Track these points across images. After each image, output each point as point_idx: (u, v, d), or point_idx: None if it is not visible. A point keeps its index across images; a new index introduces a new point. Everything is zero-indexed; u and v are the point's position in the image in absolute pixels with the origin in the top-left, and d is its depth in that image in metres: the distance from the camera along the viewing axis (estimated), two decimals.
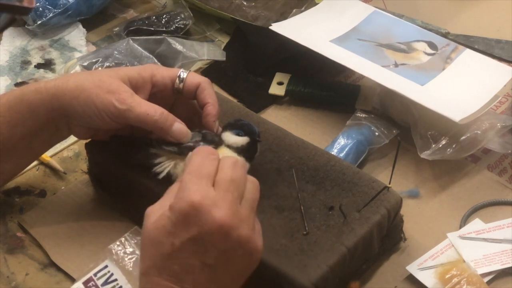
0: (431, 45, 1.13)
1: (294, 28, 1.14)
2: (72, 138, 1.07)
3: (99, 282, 0.86)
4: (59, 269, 0.92)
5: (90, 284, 0.85)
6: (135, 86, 0.90)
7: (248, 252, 0.75)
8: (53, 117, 0.90)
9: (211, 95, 0.91)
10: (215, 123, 0.90)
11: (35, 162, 1.04)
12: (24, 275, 0.91)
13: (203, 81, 0.92)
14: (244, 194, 0.76)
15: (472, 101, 1.03)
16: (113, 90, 0.87)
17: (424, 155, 1.00)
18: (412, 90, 1.04)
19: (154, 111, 0.87)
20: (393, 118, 1.07)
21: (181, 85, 0.91)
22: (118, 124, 0.90)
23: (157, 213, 0.75)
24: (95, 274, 0.87)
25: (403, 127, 1.06)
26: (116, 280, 0.86)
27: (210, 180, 0.75)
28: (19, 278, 0.90)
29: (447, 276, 0.89)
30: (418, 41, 1.14)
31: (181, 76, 0.92)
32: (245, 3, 1.22)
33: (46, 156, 1.04)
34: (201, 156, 0.77)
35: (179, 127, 0.88)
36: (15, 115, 0.89)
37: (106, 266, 0.87)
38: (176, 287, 0.73)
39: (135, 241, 0.88)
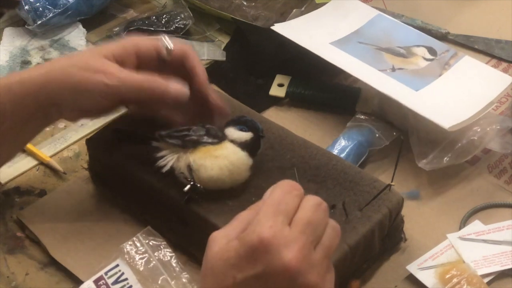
0: (431, 50, 1.13)
1: (295, 29, 1.14)
2: (72, 138, 1.07)
3: (110, 281, 0.86)
4: (59, 268, 0.92)
5: (101, 282, 0.85)
6: (121, 61, 0.89)
7: None
8: (41, 107, 0.88)
9: (199, 63, 0.91)
10: (207, 82, 0.90)
11: (35, 162, 1.04)
12: (24, 275, 0.90)
13: (188, 48, 0.91)
14: (322, 238, 0.71)
15: (464, 108, 1.03)
16: (100, 69, 0.86)
17: (421, 164, 1.01)
18: (405, 95, 1.04)
19: (146, 78, 0.87)
20: (391, 122, 1.07)
21: (168, 56, 0.90)
22: (112, 102, 0.89)
23: (222, 240, 0.71)
24: (106, 273, 0.87)
25: (403, 130, 1.06)
26: (126, 279, 0.86)
27: (287, 217, 0.70)
28: (19, 278, 0.90)
29: (447, 276, 0.89)
30: (418, 46, 1.14)
31: (167, 45, 0.90)
32: (245, 3, 1.22)
33: (46, 156, 1.04)
34: (284, 190, 0.72)
35: (175, 86, 0.88)
36: (1, 106, 0.87)
37: (117, 265, 0.87)
38: None
39: (147, 241, 0.88)
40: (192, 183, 0.87)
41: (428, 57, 1.12)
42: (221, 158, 0.88)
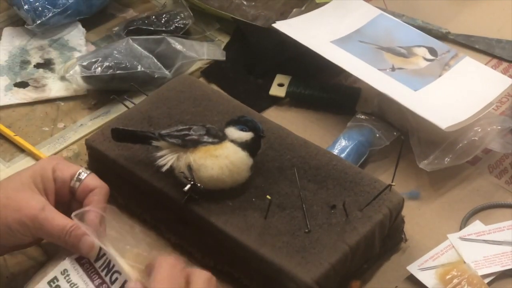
0: (432, 51, 1.13)
1: (296, 27, 1.14)
2: (71, 138, 1.07)
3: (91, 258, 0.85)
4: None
5: (84, 261, 0.85)
6: (42, 188, 0.85)
7: None
8: None
9: (99, 203, 0.85)
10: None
11: (34, 162, 1.04)
12: (23, 275, 0.90)
13: (101, 187, 0.86)
14: None
15: (462, 109, 1.03)
16: (22, 207, 0.82)
17: (422, 165, 1.01)
18: (403, 95, 1.04)
19: (63, 226, 0.82)
20: (391, 122, 1.07)
21: (76, 185, 0.86)
22: (38, 238, 0.86)
23: None
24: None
25: (403, 130, 1.06)
26: (105, 254, 0.85)
27: None
28: (19, 278, 0.90)
29: (447, 277, 0.89)
30: (419, 46, 1.14)
31: (80, 176, 0.86)
32: (245, 2, 1.22)
33: (45, 156, 1.04)
34: (168, 270, 0.75)
35: (87, 245, 0.82)
36: None
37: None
38: None
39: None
40: (192, 182, 0.87)
41: (429, 58, 1.12)
42: (221, 158, 0.88)
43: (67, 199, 0.87)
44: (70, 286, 0.82)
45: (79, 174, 0.86)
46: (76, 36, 1.23)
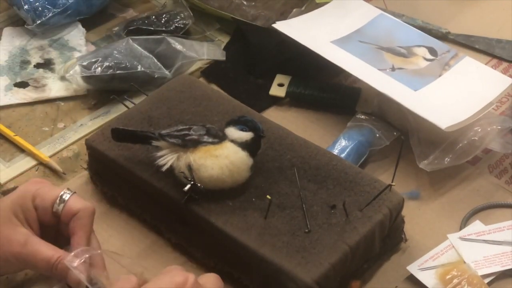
0: (432, 50, 1.13)
1: (296, 28, 1.14)
2: (71, 138, 1.07)
3: None
4: None
5: None
6: (23, 219, 0.82)
7: None
8: None
9: (85, 226, 0.82)
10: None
11: (34, 162, 1.04)
12: (23, 275, 0.90)
13: (84, 208, 0.83)
14: None
15: (462, 109, 1.03)
16: (4, 244, 0.81)
17: (422, 165, 1.01)
18: (403, 95, 1.04)
19: (48, 260, 0.80)
20: (391, 122, 1.07)
21: (60, 207, 0.82)
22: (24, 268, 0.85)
23: None
24: None
25: (403, 130, 1.06)
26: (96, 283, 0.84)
27: None
28: (19, 279, 0.90)
29: (447, 277, 0.89)
30: (419, 46, 1.14)
31: (63, 197, 0.83)
32: (245, 2, 1.22)
33: (45, 156, 1.04)
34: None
35: (73, 276, 0.79)
36: None
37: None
38: None
39: None
40: (192, 182, 0.87)
41: (429, 57, 1.12)
42: (221, 157, 0.87)
43: (53, 223, 0.84)
44: None
45: (61, 196, 0.83)
46: (76, 36, 1.23)
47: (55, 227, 0.85)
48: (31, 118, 1.11)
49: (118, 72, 1.11)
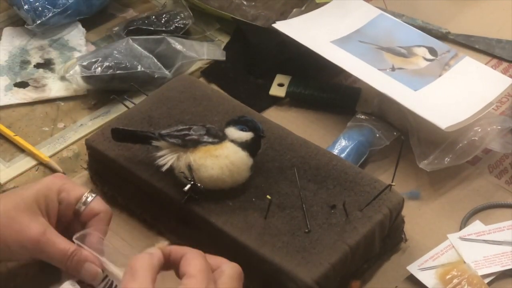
0: (432, 50, 1.13)
1: (296, 28, 1.14)
2: (71, 138, 1.07)
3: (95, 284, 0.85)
4: (58, 269, 0.91)
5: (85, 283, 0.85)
6: (45, 210, 0.84)
7: None
8: None
9: (103, 227, 0.85)
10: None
11: (34, 162, 1.04)
12: (24, 275, 0.90)
13: (105, 211, 0.86)
14: None
15: (462, 109, 1.03)
16: (23, 229, 0.81)
17: (423, 165, 1.01)
18: (403, 95, 1.04)
19: (65, 251, 0.81)
20: (391, 122, 1.07)
21: (82, 208, 0.85)
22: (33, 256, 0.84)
23: None
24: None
25: (403, 130, 1.06)
26: (107, 276, 0.85)
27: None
28: (19, 278, 0.90)
29: (447, 277, 0.89)
30: (419, 46, 1.14)
31: (87, 200, 0.85)
32: (245, 2, 1.22)
33: (45, 156, 1.04)
34: (202, 261, 0.75)
35: (89, 268, 0.82)
36: None
37: None
38: None
39: None
40: (192, 182, 0.87)
41: (429, 58, 1.12)
42: (221, 157, 0.88)
43: (70, 219, 0.86)
44: None
45: (86, 197, 0.85)
46: (76, 36, 1.23)
47: (67, 224, 0.86)
48: (31, 118, 1.11)
49: (118, 72, 1.11)
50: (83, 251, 0.82)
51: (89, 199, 0.85)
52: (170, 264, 0.76)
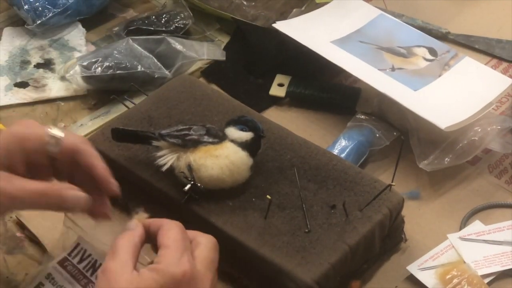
0: (431, 51, 1.13)
1: (296, 27, 1.14)
2: None
3: (75, 261, 0.85)
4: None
5: (67, 263, 0.85)
6: (8, 165, 0.76)
7: None
8: None
9: (94, 155, 0.79)
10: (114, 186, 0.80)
11: None
12: (23, 275, 0.90)
13: (80, 141, 0.79)
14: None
15: (462, 109, 1.03)
16: None
17: (422, 165, 1.01)
18: (403, 95, 1.04)
19: (40, 187, 0.75)
20: (391, 122, 1.07)
21: (56, 148, 0.78)
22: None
23: (125, 271, 0.71)
24: (69, 254, 0.86)
25: (403, 130, 1.06)
26: (90, 255, 0.85)
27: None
28: (19, 278, 0.90)
29: (447, 277, 0.89)
30: (419, 46, 1.14)
31: (55, 137, 0.78)
32: (245, 2, 1.22)
33: None
34: (179, 231, 0.75)
35: (72, 194, 0.76)
36: None
37: (78, 244, 0.86)
38: None
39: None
40: (192, 182, 0.87)
41: (429, 58, 1.12)
42: (221, 157, 0.88)
43: (46, 164, 0.79)
44: None
45: (53, 136, 0.78)
46: (76, 36, 1.23)
47: (46, 169, 0.80)
48: (31, 118, 1.11)
49: (118, 72, 1.11)
50: (57, 184, 0.78)
51: (59, 134, 0.78)
52: (150, 237, 0.76)
